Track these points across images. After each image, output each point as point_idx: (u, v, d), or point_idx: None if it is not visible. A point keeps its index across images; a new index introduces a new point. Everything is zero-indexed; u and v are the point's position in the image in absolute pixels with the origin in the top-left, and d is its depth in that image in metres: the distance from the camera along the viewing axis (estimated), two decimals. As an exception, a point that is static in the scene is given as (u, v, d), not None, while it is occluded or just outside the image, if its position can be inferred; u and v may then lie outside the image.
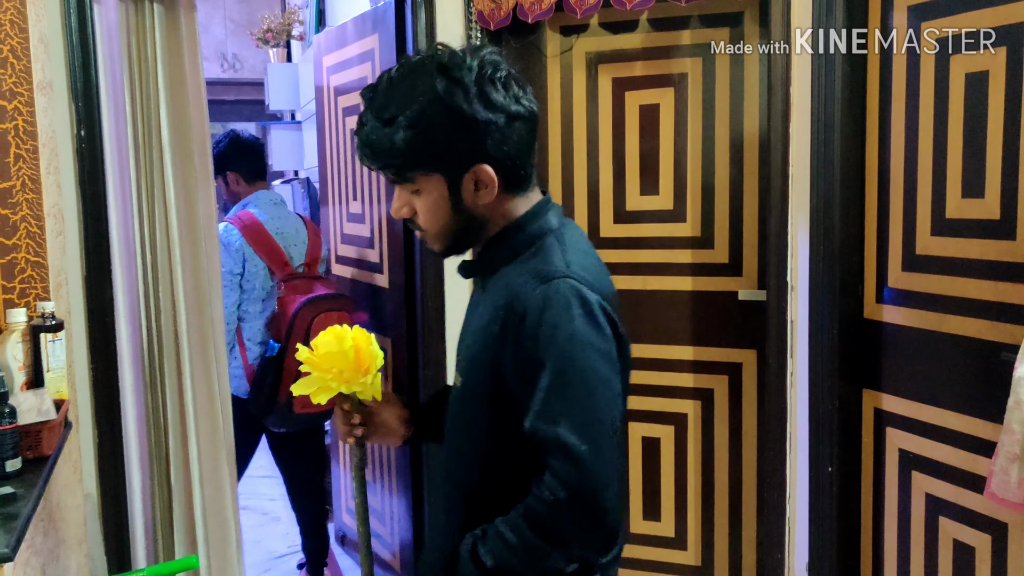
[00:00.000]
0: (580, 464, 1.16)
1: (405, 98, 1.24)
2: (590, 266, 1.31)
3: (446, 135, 1.24)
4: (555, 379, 1.19)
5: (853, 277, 2.36)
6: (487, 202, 1.31)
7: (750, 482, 2.87)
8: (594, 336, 1.20)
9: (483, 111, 1.24)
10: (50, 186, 1.88)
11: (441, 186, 1.29)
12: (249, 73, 6.68)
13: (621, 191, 2.94)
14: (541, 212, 1.35)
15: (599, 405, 1.19)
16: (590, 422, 1.18)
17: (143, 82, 2.85)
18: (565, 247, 1.30)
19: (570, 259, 1.28)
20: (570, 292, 1.21)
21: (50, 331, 1.66)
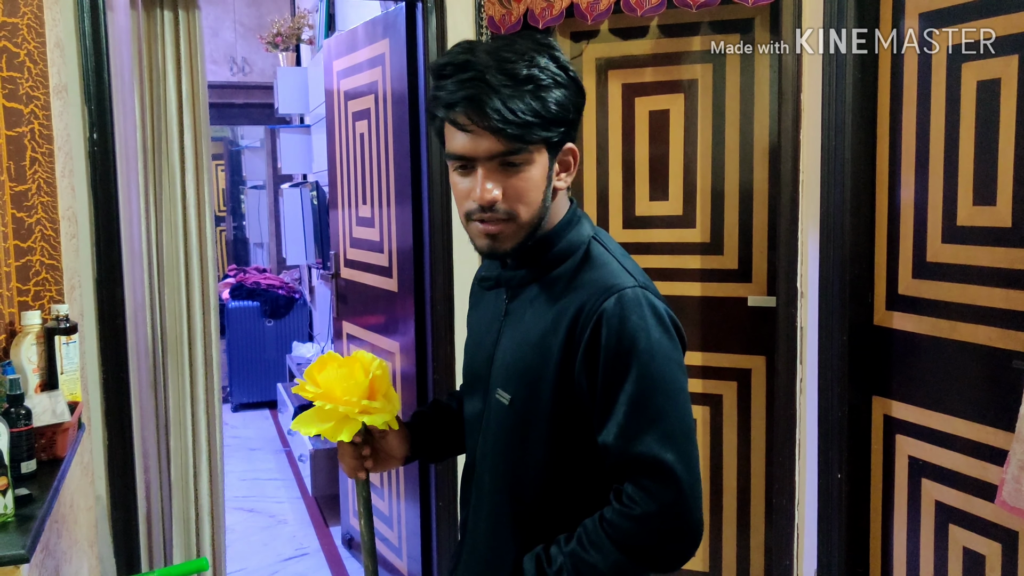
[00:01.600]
0: (671, 477, 1.14)
1: (535, 63, 1.18)
2: (643, 274, 1.27)
3: (576, 100, 1.23)
4: (638, 392, 1.16)
5: (863, 284, 2.36)
6: (563, 188, 1.27)
7: (759, 488, 2.86)
8: (670, 347, 1.19)
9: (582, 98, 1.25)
10: (64, 189, 1.89)
11: (545, 162, 1.23)
12: (258, 77, 6.70)
13: (631, 196, 2.94)
14: (575, 220, 1.31)
15: (682, 416, 1.18)
16: (676, 434, 1.16)
17: (153, 86, 2.87)
18: (616, 256, 1.28)
19: (630, 268, 1.26)
20: (644, 302, 1.19)
21: (64, 333, 1.67)
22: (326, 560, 3.88)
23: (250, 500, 4.69)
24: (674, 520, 1.14)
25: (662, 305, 1.21)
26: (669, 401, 1.17)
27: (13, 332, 1.64)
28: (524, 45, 1.21)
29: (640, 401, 1.16)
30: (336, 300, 3.92)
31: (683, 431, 1.16)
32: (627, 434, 1.15)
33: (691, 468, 1.15)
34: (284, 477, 5.07)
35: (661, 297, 1.24)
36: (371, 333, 3.55)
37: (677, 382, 1.18)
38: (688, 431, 1.17)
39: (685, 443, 1.16)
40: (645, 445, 1.14)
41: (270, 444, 5.75)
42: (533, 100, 1.17)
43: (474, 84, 1.17)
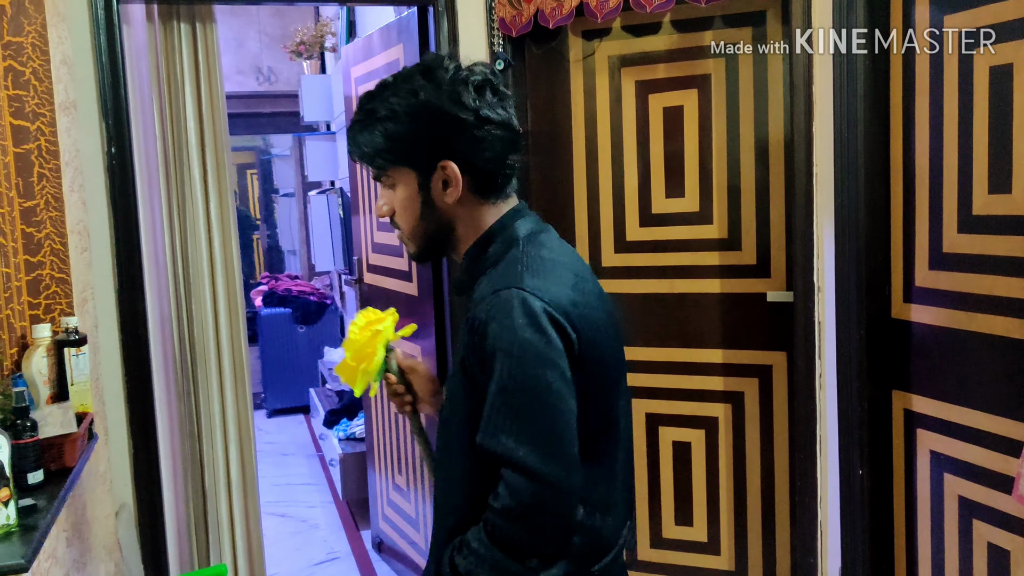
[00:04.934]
0: (527, 472, 1.17)
1: (387, 95, 1.31)
2: (552, 275, 1.29)
3: (415, 127, 1.30)
4: (498, 391, 1.20)
5: (880, 277, 2.32)
6: (453, 201, 1.33)
7: (783, 486, 2.83)
8: (538, 345, 1.20)
9: (451, 106, 1.28)
10: (74, 204, 1.93)
11: (412, 181, 1.33)
12: (284, 86, 6.77)
13: (647, 194, 2.93)
14: (509, 222, 1.36)
15: (544, 412, 1.19)
16: (534, 431, 1.18)
17: (172, 99, 2.92)
18: (528, 258, 1.31)
19: (526, 269, 1.28)
20: (516, 303, 1.22)
21: (74, 345, 1.70)
22: (356, 564, 3.91)
23: (282, 505, 4.73)
24: (535, 515, 1.17)
25: (538, 304, 1.22)
26: (529, 398, 1.19)
27: (25, 345, 1.68)
28: (400, 81, 1.32)
29: (501, 399, 1.19)
30: (360, 305, 3.95)
31: (544, 427, 1.19)
32: (488, 431, 1.20)
33: (551, 463, 1.17)
34: (317, 482, 5.12)
35: (554, 295, 1.24)
36: (394, 337, 3.57)
37: (541, 379, 1.19)
38: (550, 427, 1.19)
39: (544, 439, 1.18)
40: (501, 442, 1.18)
41: (303, 449, 5.81)
42: (370, 132, 1.31)
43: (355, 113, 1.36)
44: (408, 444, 3.52)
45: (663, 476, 3.01)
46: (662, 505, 3.02)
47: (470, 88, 1.29)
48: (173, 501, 2.88)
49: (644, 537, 3.06)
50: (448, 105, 1.28)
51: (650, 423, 3.01)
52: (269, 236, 9.51)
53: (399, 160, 1.32)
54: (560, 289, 1.27)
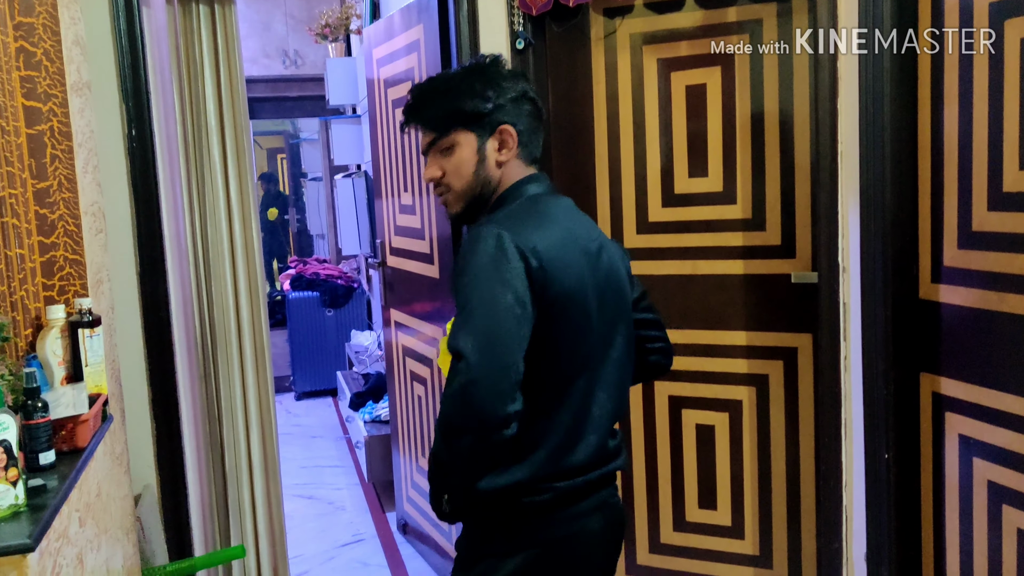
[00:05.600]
0: (466, 363, 1.38)
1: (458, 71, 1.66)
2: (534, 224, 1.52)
3: (479, 98, 1.59)
4: (460, 300, 1.44)
5: (907, 256, 2.27)
6: (504, 160, 1.61)
7: (808, 469, 2.79)
8: (494, 264, 1.44)
9: (504, 84, 1.61)
10: (87, 185, 1.93)
11: (473, 143, 1.60)
12: (311, 69, 6.76)
13: (669, 174, 2.88)
14: (524, 184, 1.63)
15: (488, 317, 1.41)
16: (478, 330, 1.40)
17: (191, 81, 2.92)
18: (519, 208, 1.58)
19: (509, 216, 1.54)
20: (487, 234, 1.47)
21: (88, 326, 1.70)
22: (381, 545, 3.92)
23: (310, 487, 4.76)
24: (464, 399, 1.38)
25: (508, 237, 1.46)
26: (480, 305, 1.42)
27: (40, 326, 1.68)
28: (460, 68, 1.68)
29: (461, 305, 1.44)
30: (384, 288, 3.94)
31: (485, 328, 1.40)
32: (452, 332, 1.42)
33: (484, 359, 1.38)
34: (343, 464, 5.14)
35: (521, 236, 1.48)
36: (417, 320, 3.56)
37: (495, 295, 1.42)
38: (491, 329, 1.40)
39: (485, 338, 1.39)
40: (455, 339, 1.40)
41: (331, 431, 5.84)
42: (444, 102, 1.61)
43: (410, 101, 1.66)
44: (432, 428, 3.52)
45: (686, 459, 2.98)
46: (685, 488, 2.99)
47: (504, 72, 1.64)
48: (196, 483, 2.90)
49: (667, 520, 3.03)
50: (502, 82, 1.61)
51: (673, 406, 2.98)
52: (298, 220, 9.55)
53: (467, 124, 1.59)
54: (537, 235, 1.50)
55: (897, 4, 2.21)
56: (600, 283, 1.58)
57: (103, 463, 1.71)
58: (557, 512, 1.55)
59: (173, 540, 2.75)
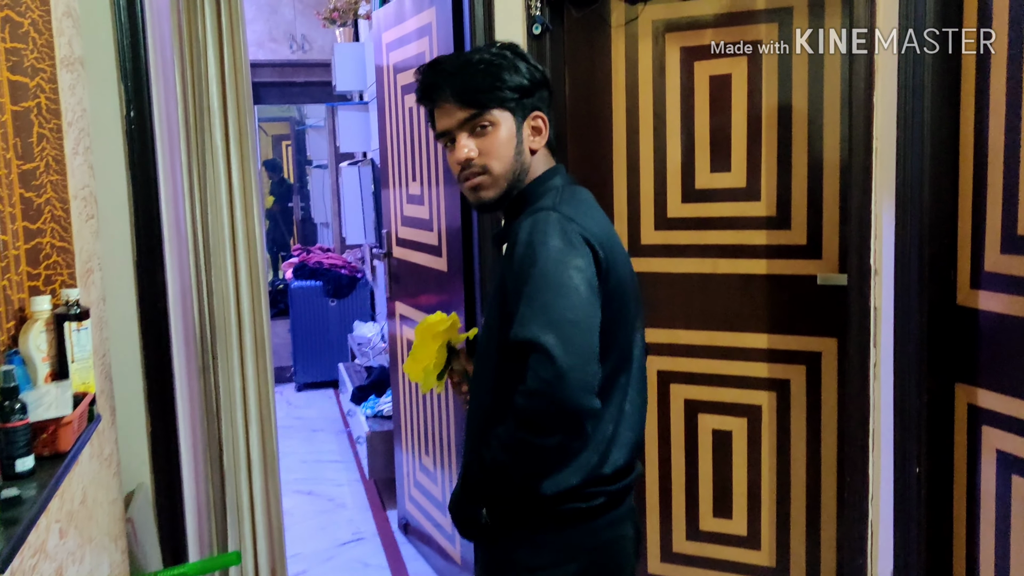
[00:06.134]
0: (549, 356, 1.29)
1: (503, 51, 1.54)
2: (584, 213, 1.47)
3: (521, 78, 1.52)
4: (531, 290, 1.35)
5: (944, 260, 2.14)
6: (538, 148, 1.56)
7: (829, 480, 2.67)
8: (567, 253, 1.37)
9: (539, 76, 1.56)
10: (78, 167, 1.81)
11: (512, 125, 1.52)
12: (318, 54, 6.63)
13: (690, 168, 2.76)
14: (552, 174, 1.57)
15: (570, 308, 1.33)
16: (559, 321, 1.32)
17: (193, 62, 2.79)
18: (564, 194, 1.50)
19: (562, 201, 1.47)
20: (552, 220, 1.40)
21: (75, 319, 1.59)
22: (382, 545, 3.82)
23: (309, 483, 4.66)
24: (551, 396, 1.30)
25: (574, 226, 1.40)
26: (556, 295, 1.34)
27: (23, 319, 1.57)
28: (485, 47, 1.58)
29: (532, 295, 1.35)
30: (389, 280, 3.83)
31: (568, 320, 1.33)
32: (520, 323, 1.34)
33: (570, 352, 1.30)
34: (344, 459, 5.04)
35: (585, 226, 1.43)
36: (422, 313, 3.45)
37: (569, 280, 1.35)
38: (574, 321, 1.33)
39: (569, 329, 1.32)
40: (530, 330, 1.32)
41: (332, 425, 5.73)
42: (484, 76, 1.49)
43: (438, 73, 1.53)
44: (436, 425, 3.40)
45: (702, 465, 2.86)
46: (700, 495, 2.88)
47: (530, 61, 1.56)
48: (193, 481, 2.79)
49: (680, 528, 2.92)
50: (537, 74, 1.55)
51: (689, 410, 2.86)
52: (303, 208, 9.44)
53: (509, 103, 1.51)
54: (591, 222, 1.45)
55: (941, 3, 2.08)
56: (631, 273, 1.56)
57: (89, 467, 1.60)
58: (601, 518, 1.49)
59: (167, 540, 2.64)
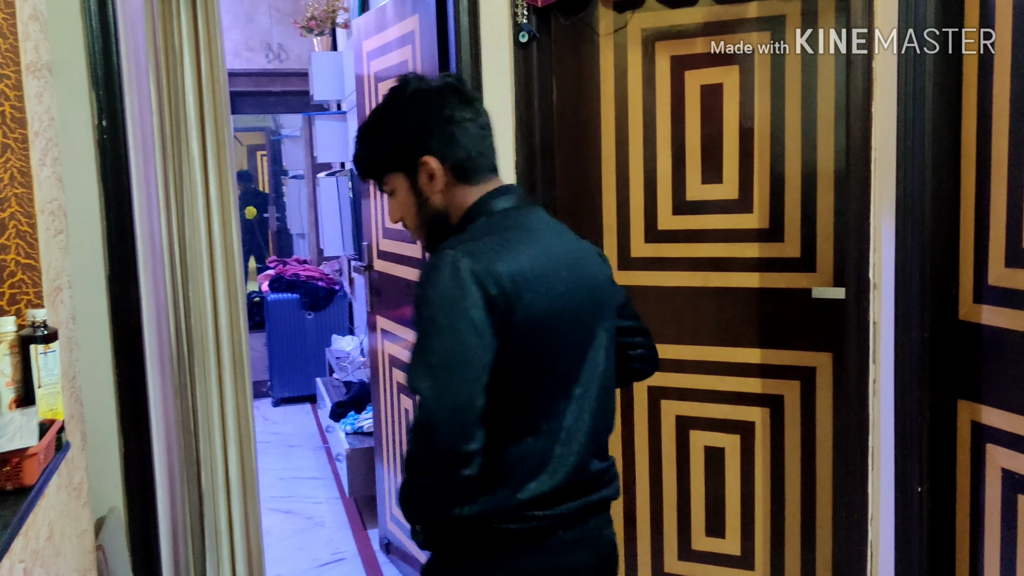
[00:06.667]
0: (423, 402, 1.31)
1: (369, 120, 1.56)
2: (494, 248, 1.39)
3: (391, 137, 1.50)
4: (417, 334, 1.36)
5: (946, 274, 2.09)
6: (440, 190, 1.50)
7: (824, 498, 2.61)
8: (454, 295, 1.34)
9: (418, 112, 1.48)
10: (46, 179, 1.71)
11: (404, 182, 1.52)
12: (295, 63, 6.53)
13: (681, 180, 2.70)
14: (487, 200, 1.50)
15: (447, 351, 1.32)
16: (435, 366, 1.32)
17: (169, 70, 2.70)
18: (480, 228, 1.45)
19: (471, 237, 1.42)
20: (445, 261, 1.36)
21: (42, 341, 1.49)
22: (363, 566, 3.71)
23: (288, 501, 4.54)
24: (424, 440, 1.32)
25: (466, 263, 1.35)
26: (434, 339, 1.33)
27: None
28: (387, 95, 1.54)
29: (417, 340, 1.36)
30: (370, 293, 3.73)
31: (443, 364, 1.32)
32: (409, 371, 1.35)
33: (442, 397, 1.31)
34: (323, 476, 4.92)
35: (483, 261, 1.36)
36: (405, 328, 3.36)
37: (449, 322, 1.33)
38: (449, 364, 1.32)
39: (442, 375, 1.32)
40: (411, 376, 1.34)
41: (309, 440, 5.61)
42: (364, 147, 1.55)
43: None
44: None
45: (694, 483, 2.79)
46: (692, 514, 2.81)
47: (431, 96, 1.49)
48: (168, 504, 2.68)
49: (672, 548, 2.85)
50: (415, 112, 1.48)
51: (681, 427, 2.79)
52: (278, 219, 9.31)
53: (389, 167, 1.52)
54: (500, 258, 1.38)
55: (941, 3, 2.03)
56: (579, 297, 1.48)
57: (56, 499, 1.50)
58: (537, 543, 1.45)
59: (141, 568, 2.53)
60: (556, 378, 1.46)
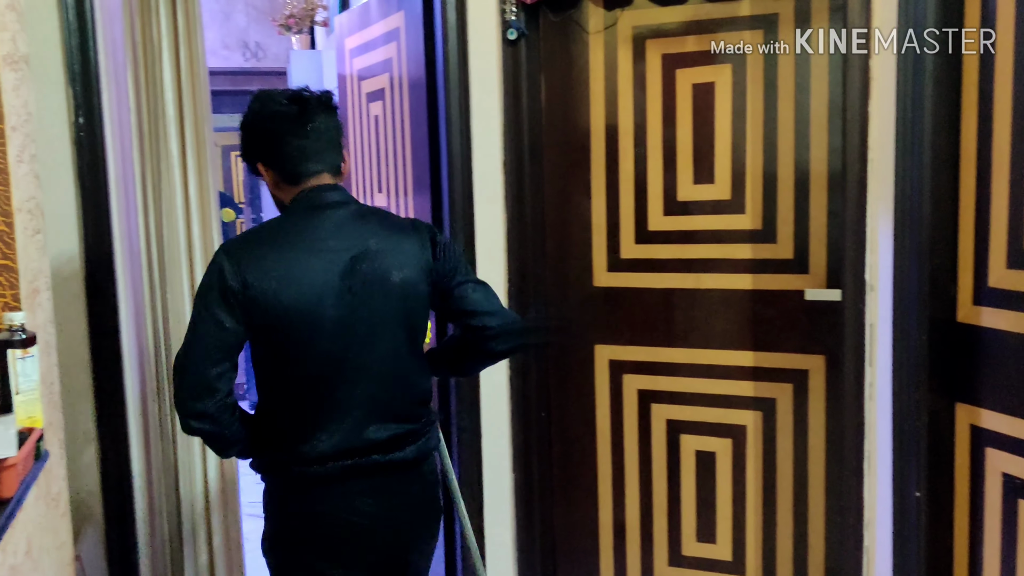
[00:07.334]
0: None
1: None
2: (264, 239, 1.76)
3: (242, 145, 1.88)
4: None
5: (945, 275, 2.06)
6: (271, 188, 1.86)
7: (817, 503, 2.58)
8: (203, 283, 1.71)
9: (252, 133, 1.84)
10: (22, 177, 1.64)
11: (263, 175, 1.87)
12: (273, 62, 6.43)
13: (672, 180, 2.66)
14: (295, 200, 1.81)
15: (188, 332, 1.70)
16: (182, 344, 1.70)
17: (148, 67, 2.62)
18: (260, 229, 1.81)
19: (245, 236, 1.78)
20: (213, 259, 1.74)
21: (20, 346, 1.42)
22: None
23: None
24: (174, 386, 1.71)
25: (221, 256, 1.71)
26: (189, 324, 1.71)
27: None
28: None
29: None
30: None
31: (185, 343, 1.70)
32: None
33: (178, 367, 1.69)
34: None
35: (234, 257, 1.71)
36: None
37: (195, 312, 1.70)
38: (187, 344, 1.69)
39: (182, 352, 1.69)
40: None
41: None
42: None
43: None
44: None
45: (684, 488, 2.75)
46: (683, 519, 2.77)
47: (264, 118, 1.82)
48: (147, 511, 2.60)
49: (662, 553, 2.81)
50: (251, 132, 1.85)
51: (671, 430, 2.75)
52: (254, 220, 9.18)
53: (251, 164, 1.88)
54: (256, 257, 1.70)
55: (941, 3, 2.00)
56: (354, 293, 1.73)
57: (35, 511, 1.43)
58: (308, 491, 1.75)
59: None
60: (321, 360, 1.72)
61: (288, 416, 1.76)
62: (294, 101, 1.80)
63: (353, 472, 1.75)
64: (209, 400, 1.66)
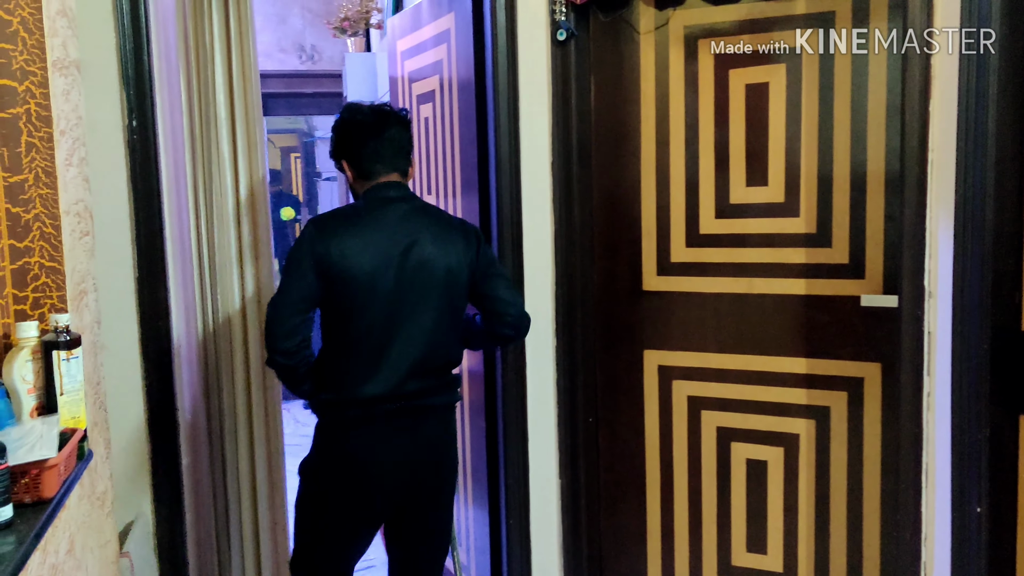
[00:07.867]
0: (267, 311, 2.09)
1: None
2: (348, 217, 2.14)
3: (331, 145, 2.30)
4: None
5: (1009, 282, 1.98)
6: (350, 182, 2.27)
7: (872, 515, 2.50)
8: (296, 246, 2.08)
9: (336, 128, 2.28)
10: (71, 180, 1.66)
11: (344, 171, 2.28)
12: (328, 65, 6.50)
13: (724, 182, 2.60)
14: (369, 192, 2.19)
15: (282, 281, 2.07)
16: (277, 291, 2.09)
17: (200, 70, 2.66)
18: (346, 209, 2.18)
19: (334, 213, 2.16)
20: (306, 223, 2.11)
21: (65, 348, 1.43)
22: (392, 574, 3.64)
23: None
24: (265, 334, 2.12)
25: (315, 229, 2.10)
26: (282, 274, 2.07)
27: (8, 346, 1.41)
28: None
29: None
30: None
31: (279, 289, 2.09)
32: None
33: (271, 308, 2.08)
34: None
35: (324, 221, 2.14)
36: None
37: (287, 266, 2.08)
38: (280, 291, 2.08)
39: (276, 296, 2.09)
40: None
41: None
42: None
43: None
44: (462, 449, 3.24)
45: (735, 496, 2.69)
46: (732, 528, 2.71)
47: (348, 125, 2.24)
48: (194, 509, 2.63)
49: (711, 562, 2.75)
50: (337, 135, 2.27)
51: (722, 438, 2.69)
52: (311, 219, 9.28)
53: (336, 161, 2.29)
54: (339, 229, 2.10)
55: (1008, 0, 1.92)
56: (407, 271, 2.10)
57: (78, 511, 1.44)
58: (358, 427, 2.11)
59: (167, 574, 2.48)
60: (374, 319, 2.07)
61: (346, 364, 2.09)
62: (375, 113, 2.21)
63: (395, 414, 2.11)
64: (292, 340, 2.04)
